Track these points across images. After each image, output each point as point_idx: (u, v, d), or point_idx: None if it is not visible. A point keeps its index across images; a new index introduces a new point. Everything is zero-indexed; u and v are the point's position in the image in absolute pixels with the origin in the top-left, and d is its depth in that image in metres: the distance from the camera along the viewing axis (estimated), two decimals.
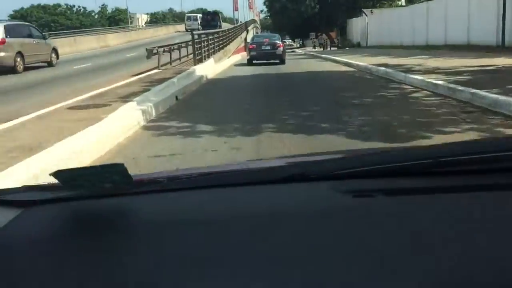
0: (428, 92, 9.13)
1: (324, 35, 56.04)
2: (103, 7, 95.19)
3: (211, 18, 52.84)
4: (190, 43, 18.88)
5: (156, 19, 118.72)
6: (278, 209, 1.01)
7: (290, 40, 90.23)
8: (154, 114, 7.55)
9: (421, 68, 12.84)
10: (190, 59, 18.18)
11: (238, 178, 1.22)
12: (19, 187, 1.23)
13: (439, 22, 25.27)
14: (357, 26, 46.02)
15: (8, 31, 16.55)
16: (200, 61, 16.73)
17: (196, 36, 17.24)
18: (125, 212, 1.04)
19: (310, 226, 0.90)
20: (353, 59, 19.64)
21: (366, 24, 43.32)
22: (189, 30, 39.65)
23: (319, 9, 48.69)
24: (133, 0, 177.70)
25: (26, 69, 17.19)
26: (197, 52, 17.01)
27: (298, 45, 75.36)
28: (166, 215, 1.02)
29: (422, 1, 58.06)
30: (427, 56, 17.44)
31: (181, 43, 18.19)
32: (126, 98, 8.53)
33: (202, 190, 1.14)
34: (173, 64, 17.15)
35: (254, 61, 21.28)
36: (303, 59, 28.11)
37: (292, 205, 1.03)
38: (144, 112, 7.09)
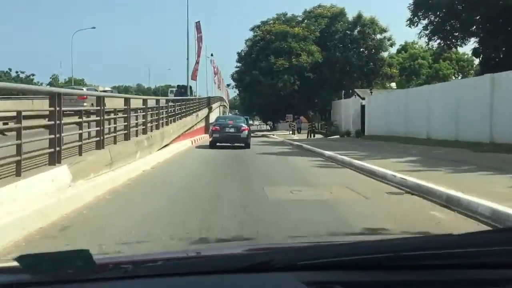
0: None
1: (302, 117, 45.61)
2: (54, 77, 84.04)
3: (184, 91, 44.71)
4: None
5: (118, 92, 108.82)
6: None
7: (259, 121, 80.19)
8: None
9: None
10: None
11: (201, 266, 1.20)
12: None
13: None
14: (347, 109, 35.61)
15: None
16: None
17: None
18: None
19: None
20: (451, 184, 8.19)
21: (362, 108, 32.95)
22: None
23: (300, 86, 38.33)
24: (102, 73, 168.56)
25: None
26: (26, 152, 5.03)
27: (269, 128, 64.95)
28: None
29: (423, 83, 48.96)
30: None
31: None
32: None
33: (164, 278, 1.12)
34: None
35: (218, 144, 19.35)
36: (290, 154, 16.50)
37: None
38: None
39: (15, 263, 1.01)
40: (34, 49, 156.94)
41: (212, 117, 43.29)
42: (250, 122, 67.49)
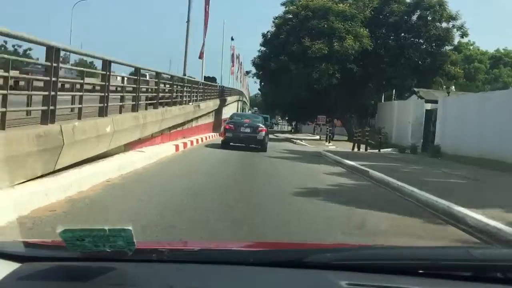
0: None
1: (334, 121, 36.20)
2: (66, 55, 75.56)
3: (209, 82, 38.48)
4: None
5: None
6: None
7: (283, 122, 70.99)
8: None
9: None
10: None
11: (238, 258, 1.19)
12: (21, 241, 1.21)
13: None
14: (403, 114, 26.05)
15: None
16: None
17: None
18: (122, 279, 1.00)
19: None
20: None
21: (427, 113, 23.42)
22: None
23: (339, 80, 28.79)
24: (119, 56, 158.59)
25: None
26: None
27: (291, 129, 55.76)
28: (161, 286, 0.98)
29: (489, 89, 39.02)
30: None
31: None
32: None
33: (201, 265, 1.11)
34: None
35: (231, 143, 16.31)
36: (363, 203, 6.80)
37: None
38: None
39: (58, 238, 0.97)
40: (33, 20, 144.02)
41: (227, 113, 34.75)
42: (273, 120, 57.30)
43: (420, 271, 1.09)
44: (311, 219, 5.68)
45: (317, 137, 35.68)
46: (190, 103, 17.64)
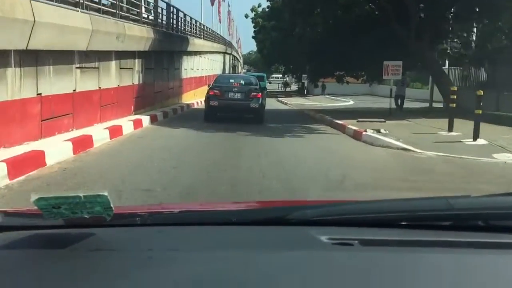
0: None
1: (406, 77, 18.24)
2: None
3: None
4: None
5: None
6: (256, 251, 0.94)
7: (279, 79, 53.45)
8: None
9: None
10: None
11: (218, 218, 1.14)
12: None
13: None
14: None
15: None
16: None
17: None
18: (101, 244, 0.96)
19: (288, 270, 0.84)
20: None
21: None
22: None
23: None
24: None
25: None
26: None
27: (302, 90, 38.22)
28: (141, 250, 0.93)
29: None
30: None
31: None
32: None
33: (181, 227, 1.09)
34: None
35: (218, 114, 12.44)
36: None
37: (271, 248, 0.96)
38: None
39: (33, 206, 0.92)
40: None
41: (201, 69, 23.52)
42: (303, 80, 36.48)
43: (401, 223, 1.06)
44: None
45: (365, 104, 18.45)
46: None
